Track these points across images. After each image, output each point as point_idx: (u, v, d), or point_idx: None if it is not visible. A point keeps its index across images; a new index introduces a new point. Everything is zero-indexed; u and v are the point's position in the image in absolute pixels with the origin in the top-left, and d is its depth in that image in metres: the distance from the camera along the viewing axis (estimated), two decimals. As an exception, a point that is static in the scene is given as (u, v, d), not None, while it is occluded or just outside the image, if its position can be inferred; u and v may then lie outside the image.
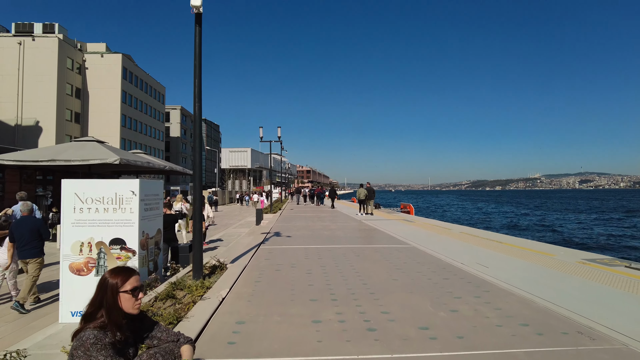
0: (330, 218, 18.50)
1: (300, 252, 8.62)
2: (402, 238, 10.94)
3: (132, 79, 55.32)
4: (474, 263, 7.33)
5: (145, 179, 6.23)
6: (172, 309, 4.40)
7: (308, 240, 10.48)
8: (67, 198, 5.76)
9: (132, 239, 5.91)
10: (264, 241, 10.48)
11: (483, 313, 4.37)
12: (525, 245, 9.61)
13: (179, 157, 74.21)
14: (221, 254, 8.84)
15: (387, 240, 10.57)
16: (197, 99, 5.81)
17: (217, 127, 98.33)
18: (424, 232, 12.41)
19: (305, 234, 12.12)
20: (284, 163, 71.68)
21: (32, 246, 6.20)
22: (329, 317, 4.20)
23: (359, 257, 7.90)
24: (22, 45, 45.20)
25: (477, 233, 12.30)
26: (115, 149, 21.44)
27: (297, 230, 13.04)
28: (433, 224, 15.31)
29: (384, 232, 12.41)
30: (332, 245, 9.58)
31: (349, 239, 10.81)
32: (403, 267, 6.95)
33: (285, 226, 14.68)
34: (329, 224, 15.28)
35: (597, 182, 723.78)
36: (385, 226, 14.34)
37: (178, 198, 14.99)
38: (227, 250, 9.39)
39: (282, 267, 6.94)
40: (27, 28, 51.05)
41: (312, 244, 9.82)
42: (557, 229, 31.66)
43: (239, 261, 7.43)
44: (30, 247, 6.20)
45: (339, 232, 12.58)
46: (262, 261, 7.53)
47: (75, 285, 5.75)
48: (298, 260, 7.54)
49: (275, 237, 11.24)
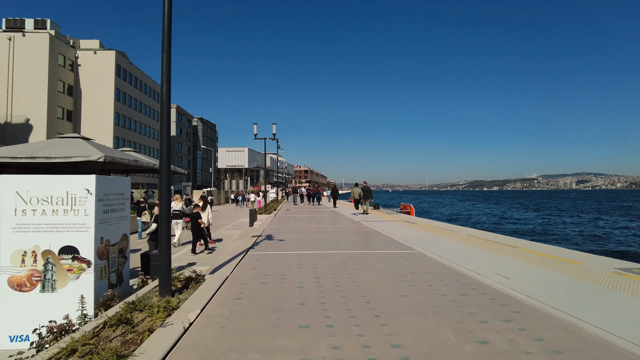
0: (327, 219, 17.51)
1: (292, 259, 7.63)
2: (406, 242, 9.97)
3: (127, 76, 54.18)
4: (492, 273, 6.36)
5: (105, 175, 5.23)
6: (119, 340, 3.40)
7: (302, 245, 9.49)
8: (6, 198, 4.73)
9: (87, 247, 4.90)
10: (254, 245, 9.49)
11: (521, 346, 3.39)
12: (543, 251, 8.64)
13: (174, 156, 73.02)
14: (202, 261, 7.84)
15: (389, 245, 9.59)
16: (165, 78, 4.82)
17: (214, 126, 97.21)
18: (429, 235, 11.44)
19: (300, 237, 11.13)
20: (281, 163, 70.66)
21: None
22: (323, 354, 3.21)
23: (360, 266, 6.91)
24: (12, 41, 44.04)
25: (487, 236, 11.34)
26: (102, 146, 20.37)
27: (291, 233, 12.05)
28: (437, 226, 14.35)
29: (385, 235, 11.43)
30: (328, 251, 8.59)
31: (348, 243, 9.82)
32: (411, 279, 5.97)
33: (279, 228, 13.68)
34: (326, 226, 14.30)
35: (594, 182, 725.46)
36: (387, 228, 13.37)
37: (177, 197, 14.02)
38: (211, 256, 8.39)
39: (270, 278, 5.95)
40: (19, 24, 49.86)
41: (306, 249, 8.83)
42: (569, 231, 30.24)
43: (220, 271, 6.43)
44: None
45: (336, 235, 11.60)
46: (248, 271, 6.53)
47: (15, 303, 4.74)
48: (289, 270, 6.54)
49: (267, 241, 10.25)
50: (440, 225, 14.99)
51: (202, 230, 11.15)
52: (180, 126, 76.72)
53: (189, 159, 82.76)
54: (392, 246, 9.39)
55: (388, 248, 9.09)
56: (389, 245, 9.50)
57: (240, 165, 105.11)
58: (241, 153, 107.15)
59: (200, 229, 10.29)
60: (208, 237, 13.23)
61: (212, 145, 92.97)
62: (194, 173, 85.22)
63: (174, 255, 11.18)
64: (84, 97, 49.06)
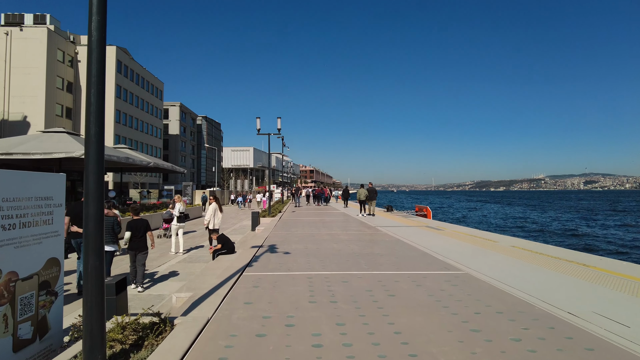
0: (338, 224, 15.54)
1: (301, 285, 5.68)
2: (442, 257, 7.99)
3: (128, 72, 52.63)
4: (590, 312, 4.39)
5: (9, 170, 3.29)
6: None
7: (313, 262, 7.53)
8: None
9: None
10: (253, 261, 7.56)
11: None
12: (631, 273, 6.61)
13: (177, 156, 71.51)
14: (178, 288, 5.93)
15: (423, 261, 7.61)
16: (99, 8, 2.91)
17: (219, 125, 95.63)
18: (465, 247, 9.44)
19: (309, 248, 9.18)
20: (287, 162, 68.68)
21: None
22: None
23: (397, 300, 4.95)
24: (9, 36, 42.63)
25: (536, 248, 9.32)
26: (89, 141, 18.62)
27: (299, 243, 10.11)
28: (468, 233, 12.31)
29: (413, 246, 9.46)
30: (348, 272, 6.64)
31: (370, 259, 7.86)
32: (480, 325, 4.01)
33: (284, 235, 11.75)
34: (338, 233, 12.34)
35: (602, 183, 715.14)
36: (410, 236, 11.39)
37: (178, 198, 12.24)
38: (194, 279, 6.47)
39: (271, 325, 4.01)
40: (18, 19, 48.50)
41: (318, 268, 6.88)
42: (626, 240, 26.58)
43: (200, 308, 4.51)
44: None
45: (352, 245, 9.64)
46: (239, 308, 4.58)
47: None
48: (298, 308, 4.60)
49: (269, 255, 8.31)
50: (472, 232, 12.92)
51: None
52: (183, 124, 75.20)
53: (193, 158, 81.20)
54: (428, 263, 7.41)
55: (424, 266, 7.11)
56: (423, 262, 7.52)
57: (246, 164, 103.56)
58: (246, 153, 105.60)
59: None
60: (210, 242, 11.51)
61: (216, 145, 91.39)
62: (198, 172, 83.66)
63: (166, 264, 9.34)
64: (84, 93, 47.55)
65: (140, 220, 7.81)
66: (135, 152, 21.60)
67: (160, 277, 8.36)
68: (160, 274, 8.68)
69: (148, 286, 7.67)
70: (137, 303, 6.42)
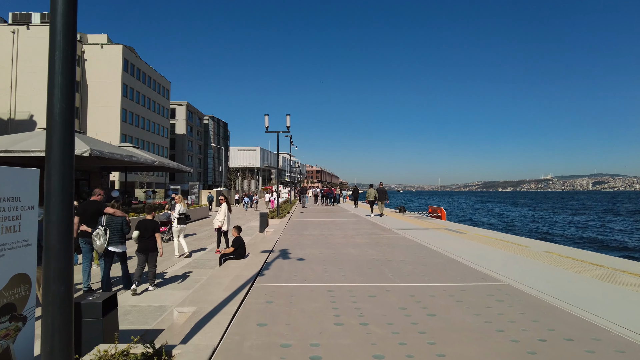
0: (351, 225, 14.74)
1: (322, 301, 4.89)
2: (475, 264, 7.15)
3: (134, 71, 52.25)
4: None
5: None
6: None
7: (331, 270, 6.74)
8: None
9: None
10: (264, 269, 6.79)
11: None
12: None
13: (184, 155, 71.15)
14: (180, 300, 5.16)
15: (455, 270, 6.77)
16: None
17: (225, 124, 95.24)
18: (495, 252, 8.59)
19: (325, 253, 8.39)
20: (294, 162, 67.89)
21: None
22: None
23: (438, 320, 4.14)
24: (16, 35, 42.46)
25: (575, 254, 8.44)
26: (92, 139, 17.92)
27: (313, 247, 9.32)
28: (494, 237, 11.43)
29: (437, 252, 8.62)
30: (373, 283, 5.83)
31: (395, 267, 7.05)
32: (548, 355, 3.20)
33: (296, 239, 10.98)
34: (353, 236, 11.53)
35: (611, 183, 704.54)
36: (431, 240, 10.55)
37: (178, 198, 11.54)
38: (198, 289, 5.70)
39: (291, 356, 3.24)
40: (25, 18, 48.38)
41: (339, 279, 6.09)
42: None
43: (204, 332, 3.74)
44: None
45: (372, 251, 8.83)
46: (252, 333, 3.80)
47: None
48: (323, 331, 3.80)
49: (281, 261, 7.54)
50: (497, 235, 12.01)
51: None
52: (190, 124, 74.86)
53: (200, 157, 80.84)
54: (460, 272, 6.58)
55: (457, 276, 6.28)
56: (455, 271, 6.69)
57: (252, 164, 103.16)
58: (253, 152, 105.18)
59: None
60: (223, 243, 11.01)
61: (223, 144, 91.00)
62: (204, 172, 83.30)
63: (170, 269, 8.61)
64: (90, 92, 47.26)
65: (150, 221, 7.36)
66: (139, 151, 20.98)
67: (163, 283, 7.64)
68: (163, 280, 7.96)
69: (154, 288, 7.07)
70: (136, 317, 5.69)
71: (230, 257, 8.22)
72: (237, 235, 8.40)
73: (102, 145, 16.40)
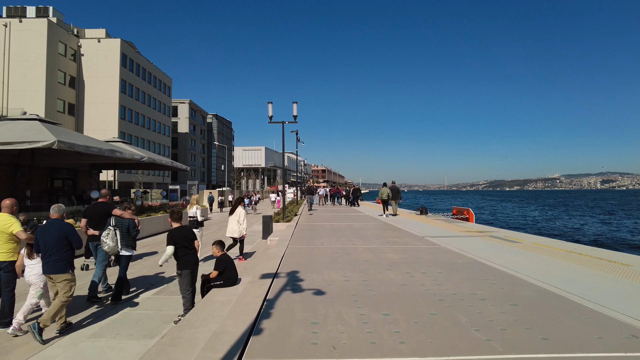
0: (371, 231, 12.18)
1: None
2: (596, 304, 4.60)
3: (134, 67, 50.07)
4: None
5: None
6: None
7: (372, 318, 4.20)
8: None
9: None
10: (262, 317, 4.29)
11: None
12: None
13: (187, 154, 68.95)
14: None
15: (572, 317, 4.20)
16: None
17: (230, 123, 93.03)
18: (598, 276, 6.02)
19: (352, 280, 5.85)
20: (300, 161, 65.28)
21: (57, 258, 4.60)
22: None
23: None
24: (7, 28, 40.38)
25: None
26: (65, 130, 15.50)
27: (332, 268, 6.80)
28: (566, 249, 8.78)
29: (514, 277, 6.05)
30: (454, 352, 3.33)
31: (469, 307, 4.51)
32: None
33: (307, 252, 8.47)
34: (381, 247, 9.00)
35: (619, 182, 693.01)
36: (485, 253, 8.01)
37: (193, 199, 9.25)
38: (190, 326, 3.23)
39: None
40: (20, 12, 46.41)
41: (390, 343, 3.55)
42: None
43: None
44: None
45: (418, 274, 6.27)
46: None
47: None
48: None
49: (289, 298, 5.00)
50: (567, 247, 9.27)
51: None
52: (193, 122, 72.68)
53: (204, 157, 78.66)
54: (588, 324, 4.01)
55: (589, 332, 3.75)
56: (577, 320, 4.07)
57: (257, 164, 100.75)
58: (258, 152, 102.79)
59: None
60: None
61: (227, 144, 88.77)
62: (208, 172, 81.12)
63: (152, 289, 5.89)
64: (87, 88, 45.13)
65: (183, 228, 5.59)
66: (129, 146, 18.59)
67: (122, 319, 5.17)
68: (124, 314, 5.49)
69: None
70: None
71: (217, 283, 5.76)
72: (220, 254, 5.95)
73: (79, 138, 14.02)
